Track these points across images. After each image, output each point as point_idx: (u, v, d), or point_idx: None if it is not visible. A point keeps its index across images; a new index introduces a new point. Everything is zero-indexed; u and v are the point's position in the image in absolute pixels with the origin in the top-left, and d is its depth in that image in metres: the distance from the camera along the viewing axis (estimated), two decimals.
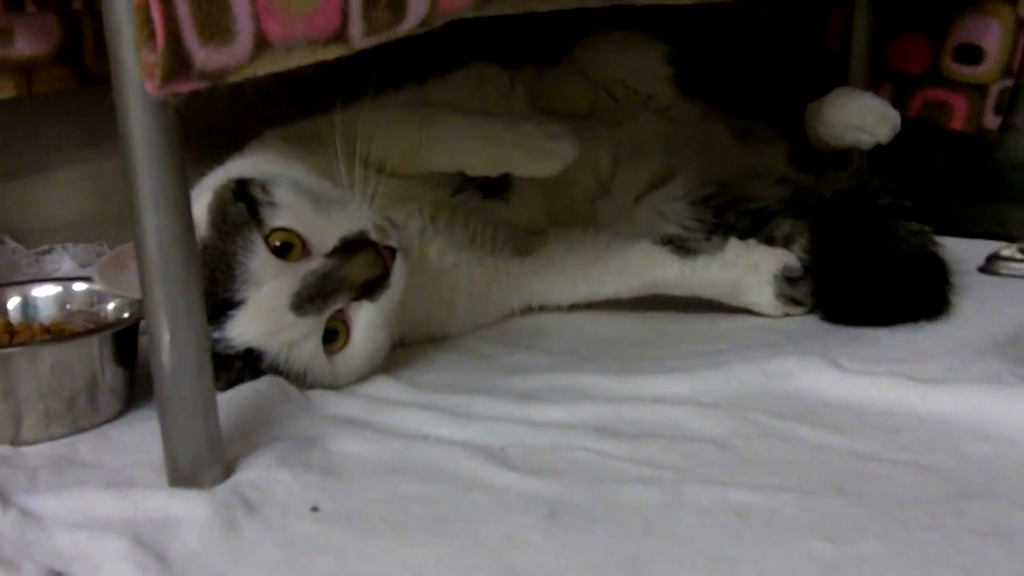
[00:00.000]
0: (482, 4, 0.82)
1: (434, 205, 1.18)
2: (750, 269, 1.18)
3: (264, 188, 0.96)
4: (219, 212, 0.95)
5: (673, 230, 1.31)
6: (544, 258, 1.24)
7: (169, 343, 0.76)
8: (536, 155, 1.15)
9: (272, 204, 0.95)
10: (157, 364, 0.77)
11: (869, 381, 0.95)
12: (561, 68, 1.46)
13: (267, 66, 0.72)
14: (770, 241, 1.24)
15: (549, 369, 1.05)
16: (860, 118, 1.30)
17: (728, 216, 1.30)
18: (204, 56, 0.68)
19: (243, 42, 0.69)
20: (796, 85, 1.45)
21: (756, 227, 1.27)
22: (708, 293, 1.20)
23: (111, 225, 1.31)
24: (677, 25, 1.44)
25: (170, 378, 0.77)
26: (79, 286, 1.08)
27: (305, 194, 0.97)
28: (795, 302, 1.18)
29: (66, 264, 1.27)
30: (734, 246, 1.19)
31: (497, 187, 1.22)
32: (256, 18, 0.69)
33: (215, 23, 0.68)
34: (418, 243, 1.15)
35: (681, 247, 1.19)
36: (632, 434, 0.87)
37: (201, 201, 0.96)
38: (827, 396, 0.94)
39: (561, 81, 1.44)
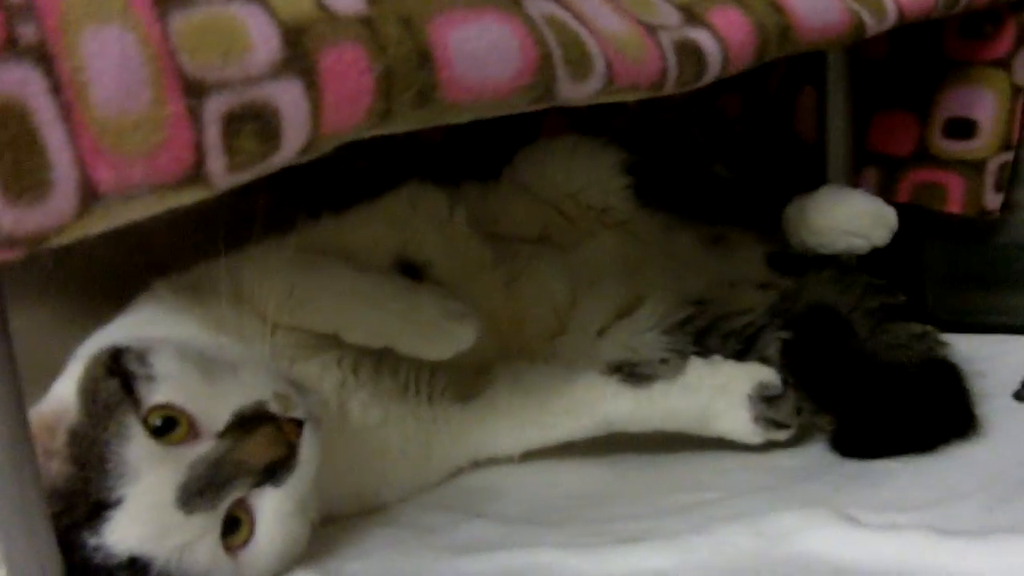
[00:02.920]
0: (379, 121, 0.67)
1: (356, 353, 1.01)
2: (718, 391, 1.00)
3: (141, 358, 0.80)
4: (89, 391, 0.78)
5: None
6: (487, 402, 1.07)
7: None
8: (427, 333, 0.99)
9: (150, 377, 0.79)
10: None
11: (891, 539, 0.77)
12: (504, 184, 1.30)
13: (101, 222, 0.57)
14: (764, 363, 1.07)
15: (502, 544, 0.87)
16: (851, 222, 1.15)
17: (709, 341, 1.12)
18: (12, 219, 0.53)
19: (64, 196, 0.54)
20: (767, 179, 1.31)
21: (746, 348, 1.10)
22: (673, 425, 1.02)
23: None
24: (627, 125, 1.29)
25: None
26: None
27: (191, 361, 0.81)
28: (777, 424, 1.00)
29: None
30: (695, 365, 1.03)
31: None
32: (81, 163, 0.54)
33: (24, 175, 0.53)
34: (336, 400, 0.98)
35: (632, 374, 1.03)
36: None
37: (72, 377, 0.81)
38: (840, 562, 0.76)
39: (506, 200, 1.28)
